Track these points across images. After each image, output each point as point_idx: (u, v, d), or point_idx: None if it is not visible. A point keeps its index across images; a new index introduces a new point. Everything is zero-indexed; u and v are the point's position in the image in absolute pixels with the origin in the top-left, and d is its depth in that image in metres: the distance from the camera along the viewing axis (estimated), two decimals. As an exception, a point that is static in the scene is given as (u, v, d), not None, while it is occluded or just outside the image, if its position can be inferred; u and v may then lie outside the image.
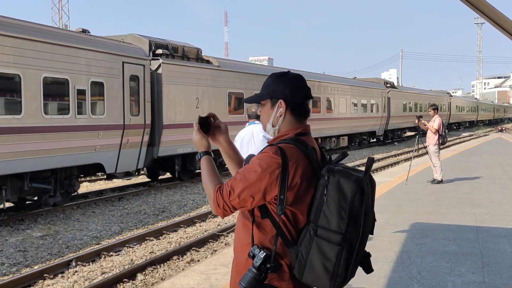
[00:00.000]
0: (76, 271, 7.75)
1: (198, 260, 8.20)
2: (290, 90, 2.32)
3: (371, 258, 2.35)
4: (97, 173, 14.76)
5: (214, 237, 9.60)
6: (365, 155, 27.59)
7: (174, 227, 10.50)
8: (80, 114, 12.36)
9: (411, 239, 7.47)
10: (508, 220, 8.67)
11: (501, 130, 54.51)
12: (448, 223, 8.54)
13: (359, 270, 2.31)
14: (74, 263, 7.95)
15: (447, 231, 7.93)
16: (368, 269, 2.36)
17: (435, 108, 13.33)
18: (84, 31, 13.46)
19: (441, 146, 13.30)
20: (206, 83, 17.13)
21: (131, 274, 7.43)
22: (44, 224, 10.97)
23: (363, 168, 2.38)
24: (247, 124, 6.70)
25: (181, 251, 8.64)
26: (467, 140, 37.70)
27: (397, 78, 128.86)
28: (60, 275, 7.59)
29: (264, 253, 2.19)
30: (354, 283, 5.54)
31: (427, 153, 13.99)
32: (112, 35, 15.26)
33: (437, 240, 7.38)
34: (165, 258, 8.23)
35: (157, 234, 9.94)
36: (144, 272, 7.60)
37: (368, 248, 6.48)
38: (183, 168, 16.73)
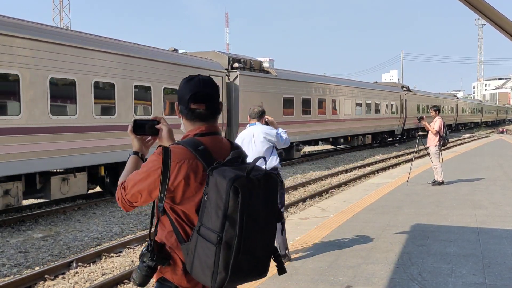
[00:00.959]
0: (76, 272, 7.75)
1: (199, 261, 8.19)
2: (179, 94, 2.48)
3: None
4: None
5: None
6: (366, 156, 27.60)
7: (174, 228, 10.49)
8: None
9: (411, 240, 7.46)
10: (509, 222, 8.66)
11: (501, 132, 54.50)
12: (449, 224, 8.53)
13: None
14: (75, 264, 7.96)
15: (448, 232, 7.92)
16: (279, 270, 2.42)
17: (437, 110, 13.30)
18: (175, 50, 17.34)
19: (442, 148, 13.27)
20: (268, 90, 21.05)
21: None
22: (45, 225, 10.97)
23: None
24: (248, 125, 6.71)
25: (182, 252, 8.63)
26: (468, 142, 37.69)
27: (398, 79, 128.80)
28: (61, 276, 7.60)
29: (145, 247, 2.34)
30: (355, 284, 5.56)
31: (428, 154, 13.99)
32: (197, 52, 19.34)
33: (438, 241, 7.38)
34: (165, 259, 8.21)
35: (158, 235, 9.93)
36: (144, 273, 7.59)
37: (368, 249, 6.47)
38: None
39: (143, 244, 2.23)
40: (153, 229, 2.45)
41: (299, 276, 5.91)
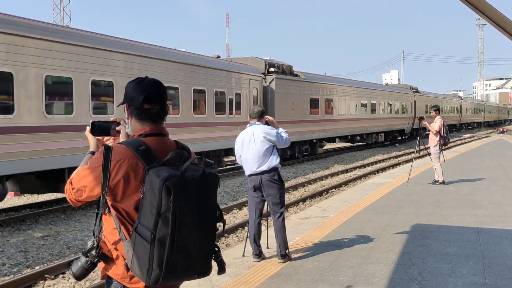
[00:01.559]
0: (77, 272, 7.75)
1: (199, 261, 8.19)
2: (130, 95, 2.54)
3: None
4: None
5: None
6: (366, 156, 27.59)
7: (175, 228, 10.48)
8: (231, 114, 19.09)
9: (412, 240, 7.46)
10: (509, 222, 8.66)
11: (502, 132, 54.49)
12: (449, 224, 8.53)
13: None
14: (75, 264, 7.94)
15: (448, 232, 7.92)
16: (219, 270, 2.52)
17: (437, 110, 13.30)
18: (218, 57, 19.97)
19: (444, 148, 13.24)
20: (297, 91, 23.52)
21: (132, 275, 7.41)
22: (45, 225, 10.97)
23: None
24: (248, 125, 6.71)
25: (182, 252, 8.62)
26: (468, 142, 37.69)
27: (398, 79, 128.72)
28: (61, 276, 7.59)
29: (90, 242, 2.43)
30: (355, 284, 5.55)
31: (429, 154, 13.99)
32: (238, 57, 21.98)
33: (438, 241, 7.38)
34: (166, 259, 8.20)
35: (158, 235, 9.91)
36: (145, 273, 7.59)
37: (369, 249, 6.49)
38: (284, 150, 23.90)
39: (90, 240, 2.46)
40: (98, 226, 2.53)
41: (299, 276, 5.91)
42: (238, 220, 11.20)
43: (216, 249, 2.46)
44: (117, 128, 2.69)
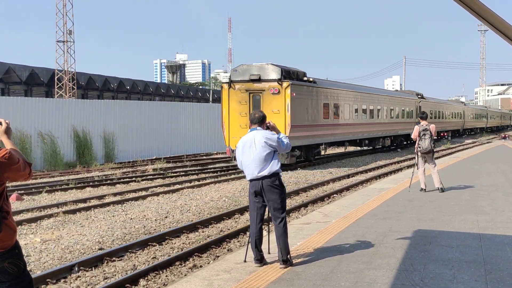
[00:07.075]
0: (78, 276, 7.75)
1: (201, 266, 8.19)
2: None
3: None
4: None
5: (217, 243, 9.59)
6: (368, 161, 27.59)
7: (176, 233, 10.49)
8: (408, 118, 39.97)
9: (413, 246, 7.45)
10: (511, 228, 8.64)
11: (504, 138, 54.47)
12: (451, 230, 8.52)
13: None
14: (76, 268, 7.95)
15: (450, 238, 7.91)
16: None
17: (420, 116, 13.41)
18: (396, 90, 51.79)
19: (422, 154, 13.10)
20: (425, 107, 42.74)
21: (133, 280, 7.43)
22: (46, 229, 10.98)
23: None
24: (249, 130, 6.73)
25: (184, 257, 8.64)
26: (470, 147, 37.66)
27: (400, 84, 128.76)
28: (62, 280, 7.60)
29: None
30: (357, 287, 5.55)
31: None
32: (402, 90, 54.55)
33: (440, 247, 7.37)
34: (167, 264, 8.23)
35: (160, 239, 9.94)
36: (146, 278, 7.60)
37: (370, 254, 6.47)
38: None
39: None
40: None
41: (301, 281, 5.91)
42: (240, 225, 11.19)
43: None
44: None
